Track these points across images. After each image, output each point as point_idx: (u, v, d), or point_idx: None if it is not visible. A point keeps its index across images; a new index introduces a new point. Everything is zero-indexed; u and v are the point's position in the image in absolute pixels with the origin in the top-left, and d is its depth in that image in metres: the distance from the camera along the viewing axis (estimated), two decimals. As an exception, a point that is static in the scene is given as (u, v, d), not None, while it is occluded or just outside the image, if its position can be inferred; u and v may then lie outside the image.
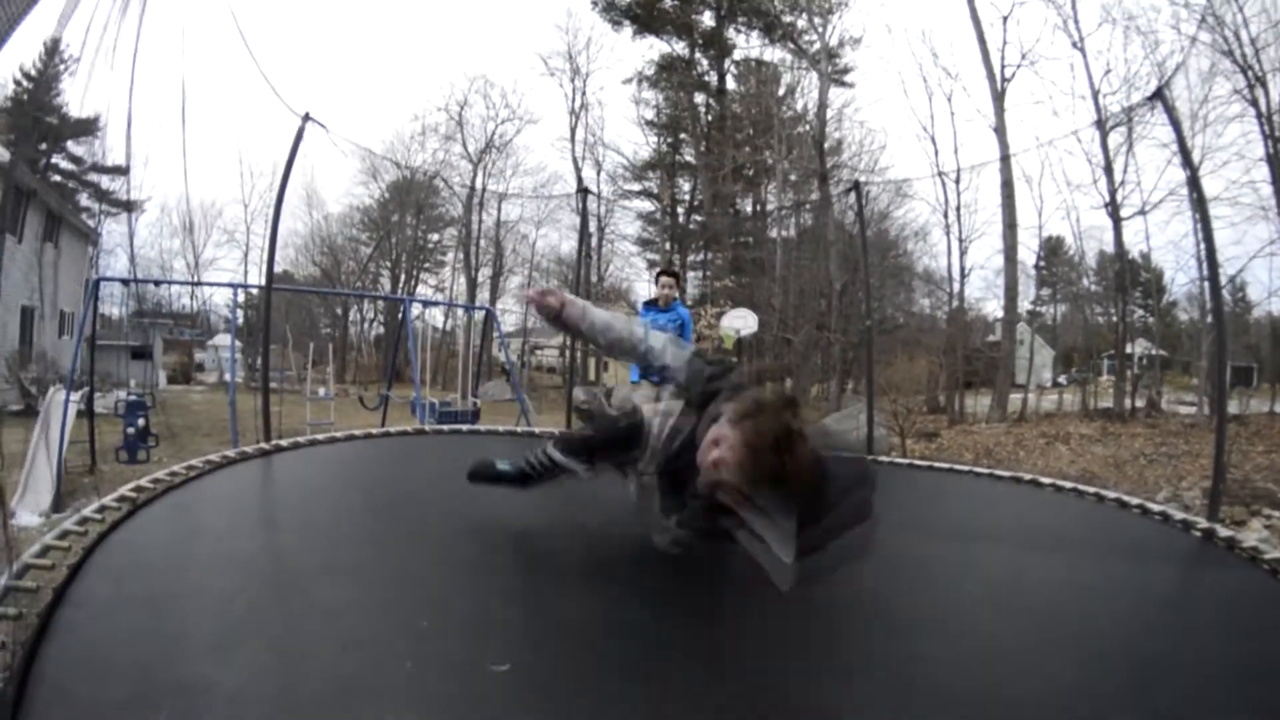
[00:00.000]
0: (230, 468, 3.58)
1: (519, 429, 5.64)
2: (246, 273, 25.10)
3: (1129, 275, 18.32)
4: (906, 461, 5.59)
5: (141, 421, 9.63)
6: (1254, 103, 15.25)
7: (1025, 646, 2.19)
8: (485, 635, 2.06)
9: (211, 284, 23.63)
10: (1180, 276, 17.89)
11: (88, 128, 21.53)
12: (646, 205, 25.01)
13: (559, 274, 25.35)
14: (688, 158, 24.34)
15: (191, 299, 24.43)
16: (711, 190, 22.41)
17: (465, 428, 5.73)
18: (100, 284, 11.19)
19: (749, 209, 23.56)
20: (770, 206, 22.59)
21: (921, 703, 1.83)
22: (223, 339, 22.34)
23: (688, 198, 24.22)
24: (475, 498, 3.83)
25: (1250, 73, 15.19)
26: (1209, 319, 15.25)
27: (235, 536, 2.86)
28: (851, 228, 18.35)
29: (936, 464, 5.20)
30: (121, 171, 21.33)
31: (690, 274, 23.17)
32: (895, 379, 17.36)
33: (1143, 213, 16.76)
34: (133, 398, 9.92)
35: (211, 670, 1.71)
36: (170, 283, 18.17)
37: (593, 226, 23.42)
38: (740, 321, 15.11)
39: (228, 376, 12.97)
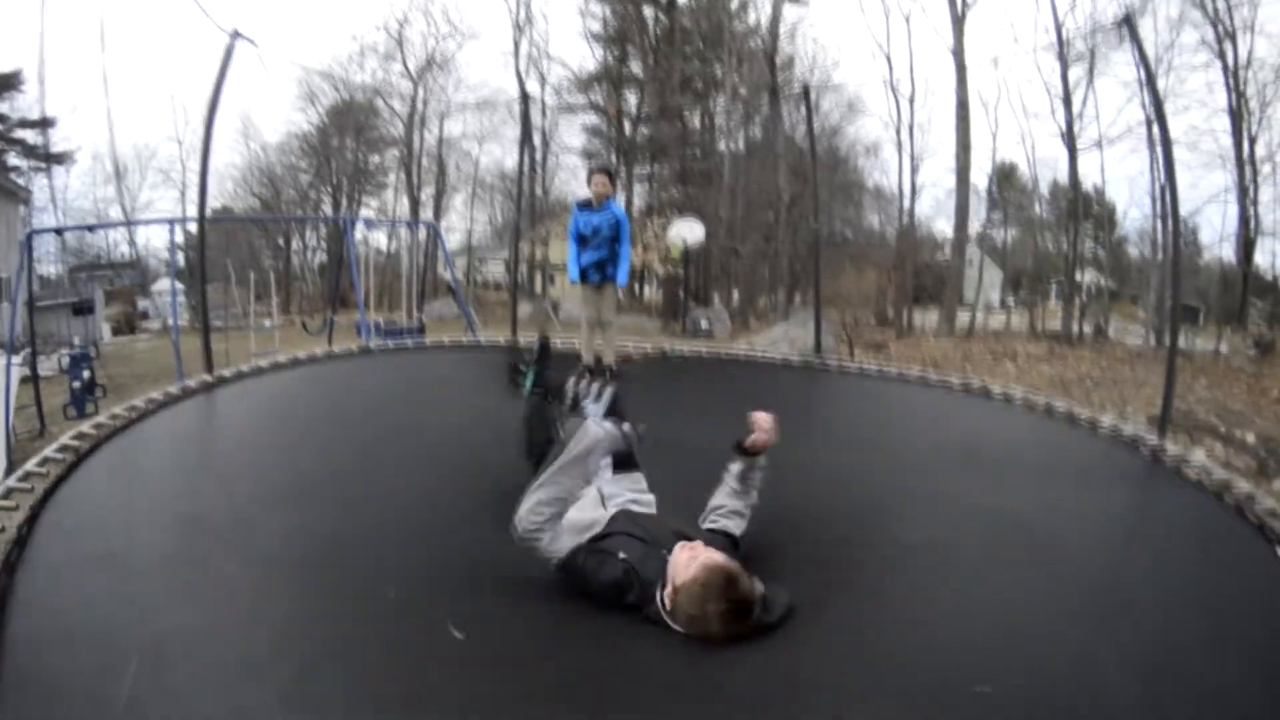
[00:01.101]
0: (172, 405, 3.53)
1: (465, 340, 5.60)
2: (184, 211, 23.98)
3: (1081, 206, 18.60)
4: (857, 367, 5.71)
5: (87, 374, 9.43)
6: (1221, 55, 15.45)
7: (978, 557, 2.34)
8: (438, 563, 2.11)
9: (146, 221, 22.58)
10: (1134, 212, 18.42)
11: (9, 83, 20.14)
12: (592, 119, 24.39)
13: (503, 189, 24.83)
14: (635, 70, 23.62)
15: (130, 246, 23.36)
16: (659, 103, 21.87)
17: (410, 342, 5.67)
18: (33, 239, 10.58)
19: (697, 122, 23.08)
20: (719, 119, 22.18)
21: (872, 609, 2.02)
22: (164, 284, 21.49)
23: (635, 110, 23.63)
24: (422, 414, 3.85)
25: (1220, 27, 15.36)
26: (1160, 256, 15.88)
27: (182, 477, 2.84)
28: (802, 142, 18.21)
29: (886, 369, 5.34)
30: (49, 124, 20.04)
31: (637, 186, 22.87)
32: (844, 291, 17.63)
33: (1099, 145, 17.10)
34: (75, 351, 9.59)
35: (174, 621, 1.76)
36: (104, 226, 17.31)
37: (537, 140, 22.88)
38: (687, 230, 15.05)
39: (171, 321, 12.53)
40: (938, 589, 2.24)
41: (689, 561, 1.95)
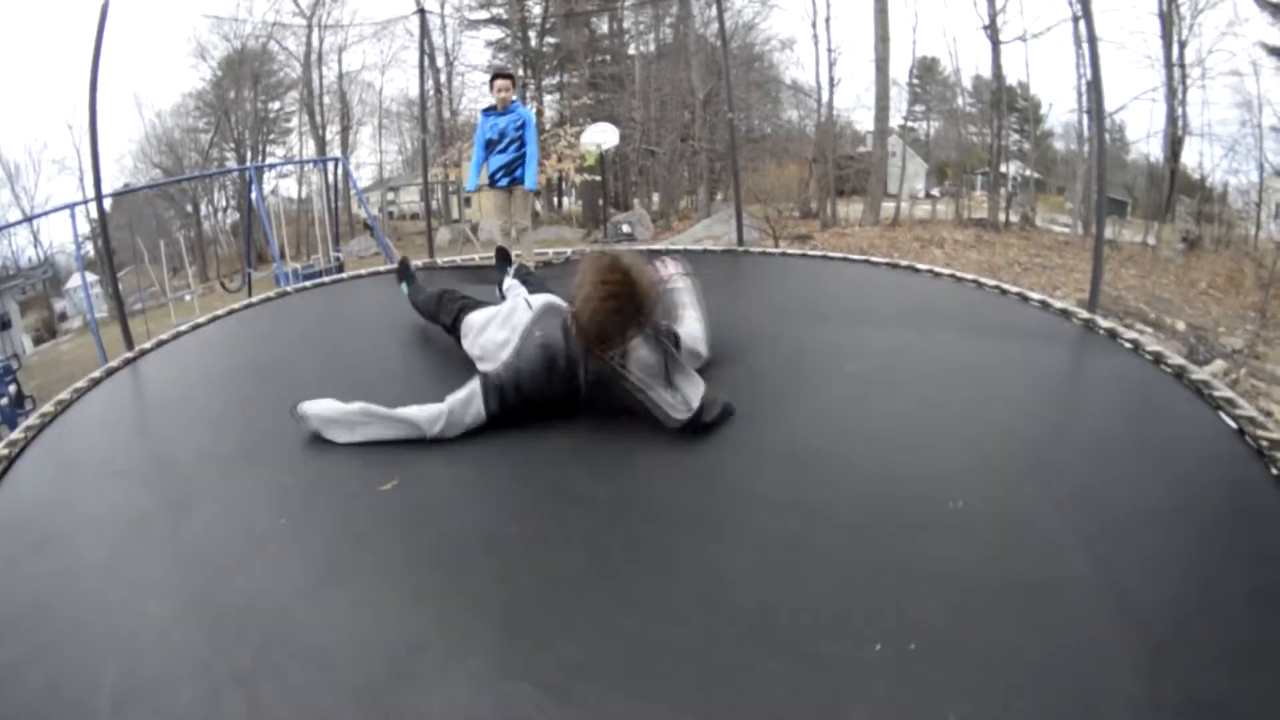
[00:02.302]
0: (97, 388, 3.47)
1: (381, 269, 5.60)
2: (84, 194, 22.44)
3: (1005, 99, 18.54)
4: (780, 251, 5.82)
5: (13, 388, 9.06)
6: None
7: (918, 426, 2.35)
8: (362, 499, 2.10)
9: (43, 214, 21.13)
10: (1059, 106, 18.40)
11: None
12: (496, 33, 23.37)
13: (410, 116, 23.88)
14: (537, -23, 22.57)
15: (35, 247, 21.94)
16: (565, 9, 21.05)
17: (328, 279, 5.64)
18: None
19: (605, 27, 22.32)
20: (628, 23, 21.47)
21: (825, 472, 2.02)
22: (76, 279, 20.36)
23: (539, 21, 22.71)
24: (346, 338, 3.85)
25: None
26: (1086, 150, 15.95)
27: (115, 452, 2.88)
28: (714, 39, 17.83)
29: (811, 253, 5.42)
30: None
31: (547, 97, 22.24)
32: (765, 186, 17.68)
33: (1023, 39, 16.95)
34: None
35: (109, 599, 1.76)
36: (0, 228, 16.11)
37: (441, 61, 21.94)
38: (601, 136, 14.84)
39: (88, 315, 12.06)
40: (880, 412, 2.40)
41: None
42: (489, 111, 5.15)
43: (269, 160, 24.26)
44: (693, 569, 1.63)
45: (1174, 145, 16.44)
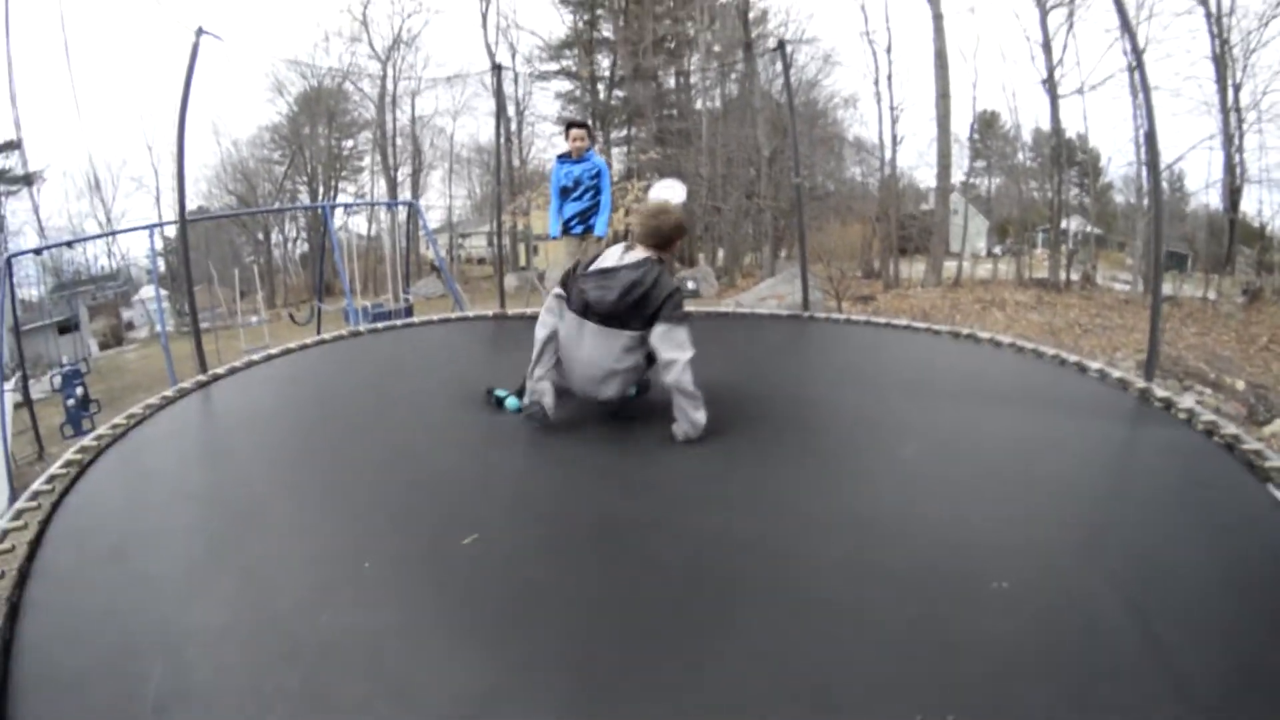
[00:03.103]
0: (170, 407, 3.54)
1: (453, 316, 5.59)
2: (160, 215, 23.71)
3: (1065, 153, 18.40)
4: (845, 317, 5.74)
5: (80, 390, 9.36)
6: (1204, 1, 15.15)
7: (978, 496, 2.37)
8: (444, 532, 2.12)
9: (125, 230, 22.25)
10: (1117, 158, 18.19)
11: None
12: (566, 85, 24.03)
13: (480, 162, 24.55)
14: (606, 34, 23.22)
15: (109, 258, 23.07)
16: (632, 64, 21.54)
17: (400, 322, 5.65)
18: (13, 263, 10.42)
19: (672, 82, 22.77)
20: (694, 78, 21.89)
21: (880, 546, 2.04)
22: (147, 291, 21.27)
23: (608, 74, 23.27)
24: (418, 384, 3.84)
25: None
26: (1145, 203, 15.59)
27: (187, 472, 2.90)
28: (779, 95, 18.02)
29: (875, 319, 5.36)
30: (13, 147, 19.58)
31: (615, 150, 22.63)
32: (829, 244, 17.58)
33: (1080, 92, 16.90)
34: (66, 369, 9.53)
35: (188, 614, 1.77)
36: (84, 240, 17.01)
37: (511, 110, 22.58)
38: (668, 191, 14.83)
39: (159, 328, 12.47)
40: (935, 492, 2.38)
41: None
42: (564, 159, 5.17)
43: (341, 197, 25.14)
44: (752, 632, 1.68)
45: (1233, 194, 16.02)
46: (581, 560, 2.03)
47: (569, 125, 5.24)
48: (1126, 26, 8.01)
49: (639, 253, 2.88)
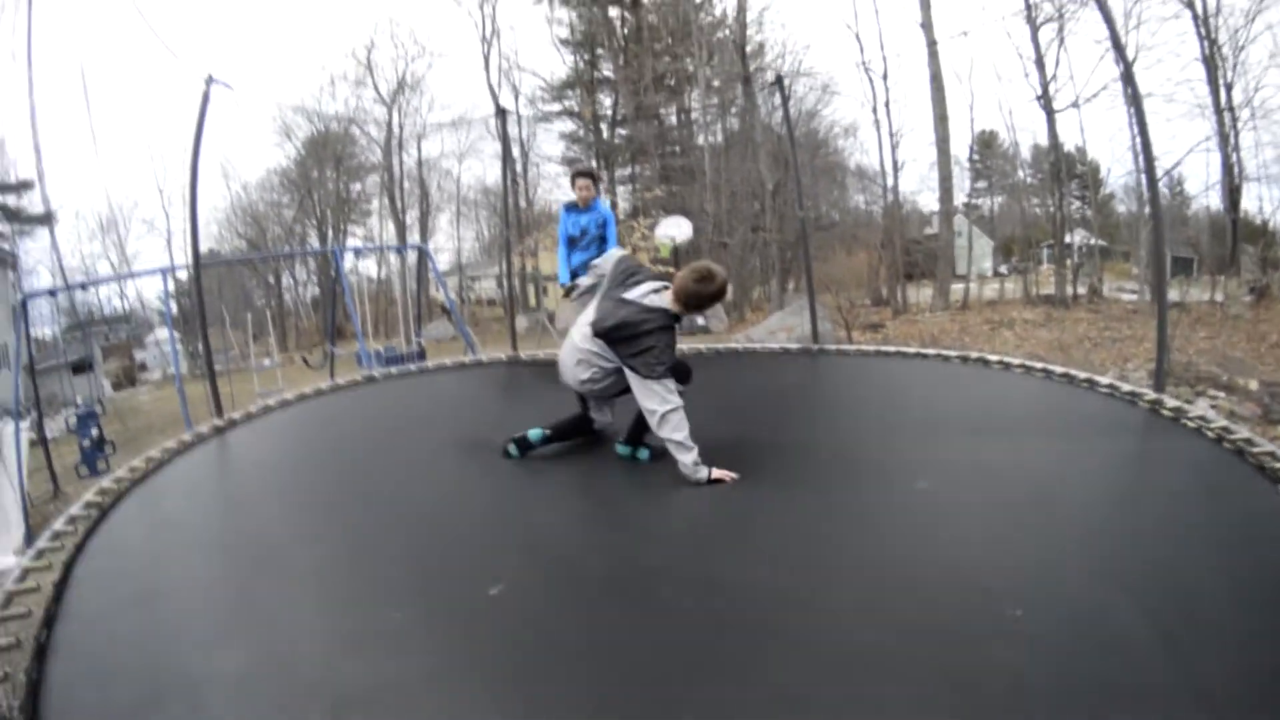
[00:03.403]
0: (189, 452, 3.56)
1: (467, 360, 5.62)
2: (171, 258, 24.16)
3: (1065, 167, 18.51)
4: (855, 348, 5.76)
5: (95, 431, 9.45)
6: (1190, 4, 15.34)
7: (992, 525, 2.39)
8: (469, 580, 2.13)
9: (140, 273, 22.69)
10: (1117, 168, 18.26)
11: None
12: (569, 125, 24.40)
13: (487, 204, 24.88)
14: (607, 73, 23.63)
15: (121, 299, 23.41)
16: (634, 103, 21.87)
17: (414, 367, 5.69)
18: (28, 303, 10.55)
19: (673, 118, 23.09)
20: (695, 114, 22.18)
21: (896, 586, 2.04)
22: (160, 333, 21.53)
23: (610, 113, 23.63)
24: (435, 432, 3.87)
25: (1186, -27, 15.20)
26: (1147, 210, 15.54)
27: (208, 518, 2.91)
28: (779, 127, 18.23)
29: (885, 348, 5.39)
30: (27, 187, 20.03)
31: (620, 188, 22.88)
32: (836, 274, 17.62)
33: (1075, 106, 17.00)
34: (81, 410, 9.63)
35: (216, 661, 1.78)
36: (98, 282, 17.32)
37: (516, 151, 22.90)
38: (675, 229, 14.91)
39: (172, 369, 12.56)
40: (949, 525, 2.38)
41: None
42: (571, 208, 5.16)
43: (350, 240, 25.49)
44: (774, 675, 1.68)
45: (1233, 194, 15.97)
46: (604, 610, 2.02)
47: (575, 175, 5.26)
48: (1116, 43, 8.10)
49: (662, 300, 2.92)
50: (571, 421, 3.28)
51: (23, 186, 20.55)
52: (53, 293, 11.16)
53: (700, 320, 16.57)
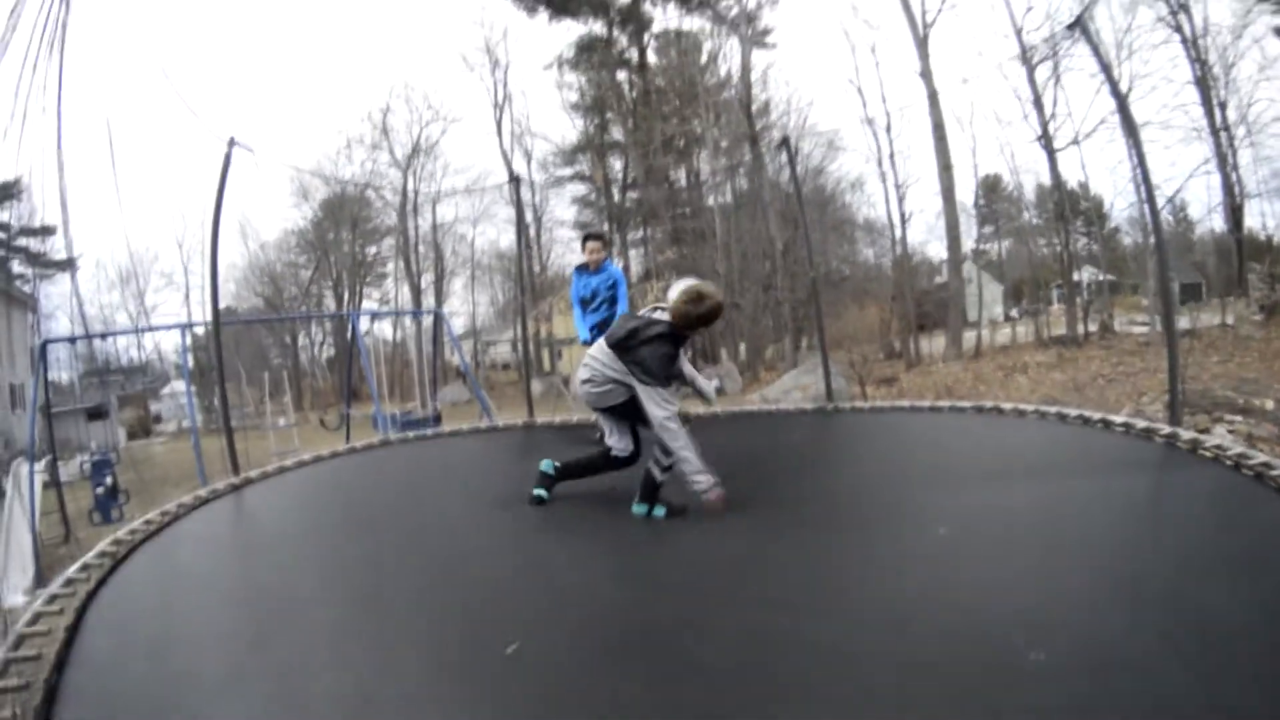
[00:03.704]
0: (204, 507, 3.56)
1: (483, 425, 5.64)
2: (189, 313, 24.60)
3: (1068, 204, 18.65)
4: (869, 405, 5.75)
5: (110, 480, 9.47)
6: (1178, 28, 15.77)
7: (1012, 567, 2.38)
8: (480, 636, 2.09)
9: (159, 328, 23.02)
10: (1120, 201, 18.38)
11: (10, 191, 20.71)
12: (580, 189, 24.91)
13: (501, 269, 25.23)
14: (617, 136, 24.22)
15: (139, 349, 23.77)
16: (644, 165, 22.33)
17: (429, 431, 5.72)
18: (47, 348, 10.74)
19: (683, 180, 23.53)
20: (704, 175, 22.62)
21: (920, 632, 2.01)
22: (177, 385, 21.75)
23: (621, 176, 24.13)
24: (451, 500, 3.87)
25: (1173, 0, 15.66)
26: (1151, 239, 15.61)
27: (222, 573, 2.88)
28: (787, 186, 18.54)
29: (899, 403, 5.39)
30: (49, 232, 20.59)
31: (632, 251, 23.21)
32: (848, 329, 17.69)
33: (1075, 143, 17.25)
34: (97, 457, 9.69)
35: (225, 716, 1.75)
36: (118, 333, 17.54)
37: (529, 216, 23.32)
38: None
39: (187, 423, 12.66)
40: (970, 569, 2.36)
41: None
42: (582, 270, 5.26)
43: (366, 302, 25.84)
44: None
45: (1235, 213, 15.99)
46: (623, 664, 2.00)
47: (585, 237, 5.39)
48: (1111, 81, 8.21)
49: (664, 316, 3.12)
50: (587, 459, 3.37)
51: (45, 232, 21.09)
52: (72, 340, 11.34)
53: (715, 382, 16.55)
